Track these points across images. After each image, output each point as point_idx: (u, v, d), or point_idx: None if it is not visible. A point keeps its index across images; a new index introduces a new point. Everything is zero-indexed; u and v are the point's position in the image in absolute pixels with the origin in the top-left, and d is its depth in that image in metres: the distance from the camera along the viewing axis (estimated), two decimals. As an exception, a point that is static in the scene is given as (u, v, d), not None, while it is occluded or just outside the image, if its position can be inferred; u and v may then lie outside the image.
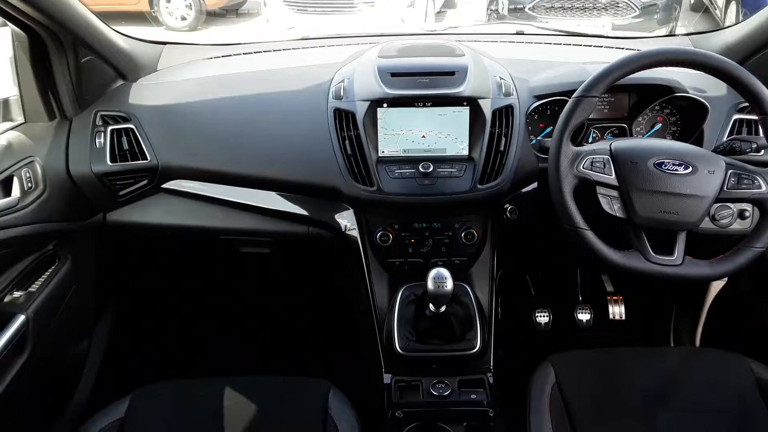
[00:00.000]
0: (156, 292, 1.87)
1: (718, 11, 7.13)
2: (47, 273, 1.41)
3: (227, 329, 2.10)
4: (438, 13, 6.86)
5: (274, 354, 2.01)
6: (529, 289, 2.07)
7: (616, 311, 1.99)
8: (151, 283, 1.85)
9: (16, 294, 1.32)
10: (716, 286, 1.76)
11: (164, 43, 1.79)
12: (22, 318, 1.26)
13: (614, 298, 2.00)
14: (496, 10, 6.21)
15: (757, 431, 1.16)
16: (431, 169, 1.34)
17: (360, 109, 1.36)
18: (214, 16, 7.61)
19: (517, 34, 1.92)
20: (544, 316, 2.00)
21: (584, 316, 1.98)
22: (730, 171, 1.14)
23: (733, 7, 6.43)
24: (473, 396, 1.28)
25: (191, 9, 7.46)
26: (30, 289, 1.35)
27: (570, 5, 5.76)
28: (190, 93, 1.55)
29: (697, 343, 1.85)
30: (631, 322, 1.99)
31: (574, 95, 1.17)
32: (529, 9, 5.87)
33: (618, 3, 5.67)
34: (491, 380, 1.31)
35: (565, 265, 1.90)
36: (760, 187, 1.12)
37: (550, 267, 1.96)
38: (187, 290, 2.02)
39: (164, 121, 1.49)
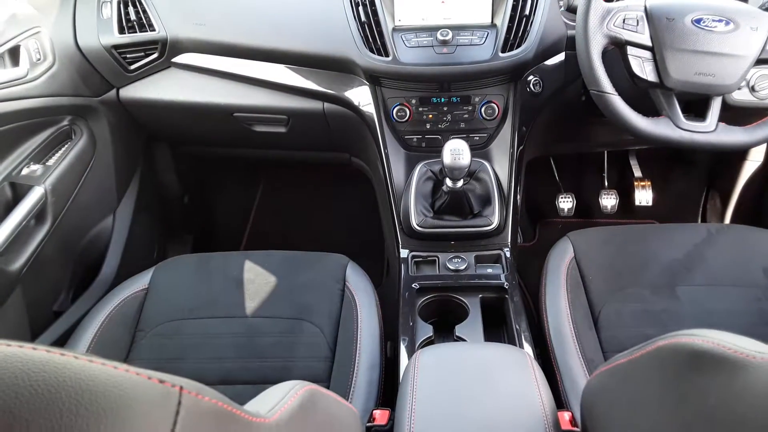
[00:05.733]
0: (176, 171, 1.87)
1: None
2: (64, 148, 1.41)
3: (246, 209, 2.12)
4: None
5: (293, 233, 2.04)
6: (552, 174, 2.02)
7: (643, 197, 1.92)
8: (170, 162, 1.85)
9: (33, 167, 1.33)
10: (749, 169, 1.68)
11: None
12: (39, 190, 1.28)
13: (642, 183, 1.93)
14: None
15: None
16: (450, 36, 1.26)
17: None
18: None
19: None
20: (567, 202, 1.95)
21: (609, 202, 1.93)
22: None
23: None
24: (489, 270, 1.27)
25: None
26: (47, 163, 1.35)
27: None
28: None
29: None
30: (657, 207, 1.94)
31: None
32: None
33: None
34: (508, 255, 1.30)
35: (591, 147, 1.83)
36: None
37: (576, 150, 1.89)
38: (206, 170, 2.03)
39: None
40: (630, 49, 1.08)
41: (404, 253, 1.32)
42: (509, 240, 1.33)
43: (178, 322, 1.16)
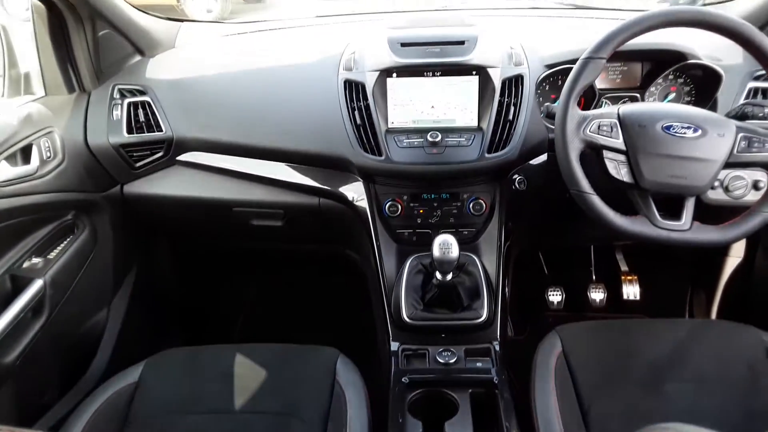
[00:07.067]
0: (172, 265, 1.91)
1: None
2: (65, 242, 1.45)
3: (240, 301, 2.13)
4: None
5: (285, 325, 2.04)
6: (542, 268, 2.06)
7: (630, 291, 1.96)
8: (167, 257, 1.89)
9: (35, 260, 1.36)
10: (731, 264, 1.73)
11: (182, 21, 1.82)
12: (39, 283, 1.30)
13: (628, 277, 1.97)
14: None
15: (766, 399, 1.14)
16: (439, 138, 1.35)
17: (369, 80, 1.37)
18: (238, 8, 7.68)
19: (531, 8, 1.90)
20: (556, 295, 1.98)
21: (597, 296, 1.97)
22: (741, 134, 1.12)
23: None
24: (479, 364, 1.28)
25: (216, 1, 7.54)
26: (48, 257, 1.39)
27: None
28: (205, 67, 1.58)
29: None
30: (645, 301, 1.97)
31: (581, 56, 1.16)
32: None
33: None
34: (497, 348, 1.31)
35: (577, 242, 1.89)
36: None
37: (563, 245, 1.95)
38: (202, 263, 2.07)
39: (180, 94, 1.52)
40: (606, 153, 1.15)
41: (395, 346, 1.33)
42: (498, 333, 1.35)
43: (166, 418, 1.15)
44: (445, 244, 1.22)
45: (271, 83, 1.52)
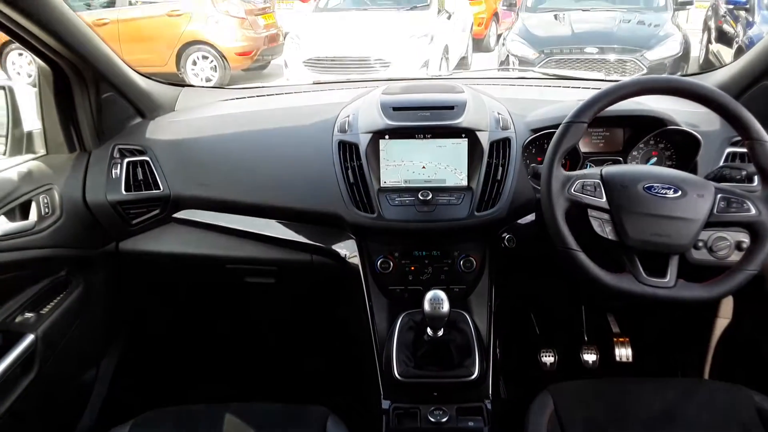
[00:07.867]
0: (164, 322, 1.90)
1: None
2: (58, 297, 1.45)
3: (231, 359, 2.11)
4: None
5: (276, 383, 2.02)
6: (534, 329, 2.06)
7: (623, 353, 1.96)
8: (159, 314, 1.88)
9: (27, 315, 1.36)
10: (721, 325, 1.74)
11: (182, 86, 1.89)
12: (30, 337, 1.30)
13: (620, 339, 1.98)
14: (507, 70, 6.40)
15: None
16: (430, 197, 1.39)
17: (363, 141, 1.42)
18: (238, 78, 7.94)
19: (518, 78, 2.00)
20: (549, 356, 1.98)
21: (590, 357, 1.96)
22: (720, 195, 1.16)
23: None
24: (471, 423, 1.27)
25: (216, 71, 7.81)
26: (41, 312, 1.39)
27: (578, 66, 5.89)
28: (204, 128, 1.63)
29: None
30: (637, 362, 1.96)
31: (564, 121, 1.21)
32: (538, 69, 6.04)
33: (626, 62, 5.80)
34: (489, 407, 1.30)
35: (568, 303, 1.90)
36: (749, 210, 1.14)
37: (555, 306, 1.96)
38: (194, 320, 2.06)
39: (178, 153, 1.57)
40: (591, 212, 1.19)
41: (386, 404, 1.32)
42: (490, 392, 1.34)
43: None
44: (436, 300, 1.23)
45: (267, 143, 1.57)
